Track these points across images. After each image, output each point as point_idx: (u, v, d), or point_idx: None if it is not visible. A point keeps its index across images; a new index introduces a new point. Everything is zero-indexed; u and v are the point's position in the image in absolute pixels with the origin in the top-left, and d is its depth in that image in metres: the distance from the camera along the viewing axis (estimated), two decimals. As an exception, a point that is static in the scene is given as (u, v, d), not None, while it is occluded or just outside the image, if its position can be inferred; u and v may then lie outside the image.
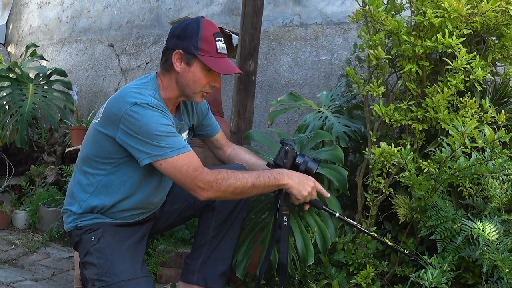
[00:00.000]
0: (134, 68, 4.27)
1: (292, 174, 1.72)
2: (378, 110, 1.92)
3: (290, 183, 1.70)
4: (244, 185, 1.63)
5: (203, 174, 1.60)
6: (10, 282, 2.29)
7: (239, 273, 1.96)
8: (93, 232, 1.69)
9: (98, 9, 4.62)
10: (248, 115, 2.62)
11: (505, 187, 1.80)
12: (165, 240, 2.45)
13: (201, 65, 1.67)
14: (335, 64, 3.37)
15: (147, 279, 1.68)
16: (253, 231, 2.01)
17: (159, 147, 1.57)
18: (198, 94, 1.72)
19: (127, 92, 1.63)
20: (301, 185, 1.72)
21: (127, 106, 1.58)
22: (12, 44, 5.43)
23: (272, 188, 1.72)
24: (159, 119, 1.59)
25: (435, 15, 1.79)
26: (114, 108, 1.62)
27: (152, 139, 1.57)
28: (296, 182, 1.71)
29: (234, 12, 3.79)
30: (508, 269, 1.54)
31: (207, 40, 1.66)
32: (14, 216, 3.40)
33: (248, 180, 1.64)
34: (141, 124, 1.57)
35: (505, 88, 2.18)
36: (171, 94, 1.73)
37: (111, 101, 1.66)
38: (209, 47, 1.66)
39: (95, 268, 1.64)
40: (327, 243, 1.92)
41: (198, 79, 1.68)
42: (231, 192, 1.63)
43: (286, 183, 1.70)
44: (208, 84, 1.70)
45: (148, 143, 1.57)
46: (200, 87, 1.70)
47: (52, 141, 3.95)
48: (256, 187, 1.66)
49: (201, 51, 1.65)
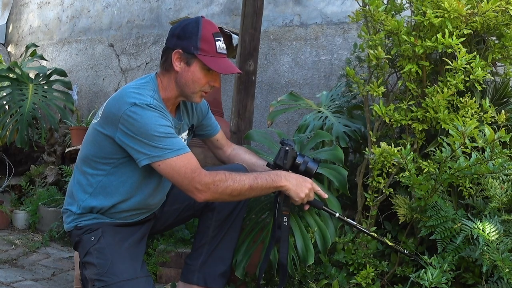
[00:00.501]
0: (134, 68, 4.27)
1: (290, 176, 1.72)
2: (378, 110, 1.92)
3: (287, 185, 1.70)
4: (242, 187, 1.63)
5: (200, 176, 1.60)
6: (10, 282, 2.29)
7: (238, 273, 1.96)
8: (93, 232, 1.69)
9: (98, 9, 4.62)
10: (248, 115, 2.62)
11: (505, 187, 1.80)
12: (165, 240, 2.45)
13: (200, 65, 1.67)
14: (335, 64, 3.37)
15: (147, 279, 1.68)
16: (253, 231, 2.01)
17: (158, 148, 1.57)
18: (197, 94, 1.72)
19: (127, 92, 1.63)
20: (298, 187, 1.72)
21: (126, 106, 1.58)
22: (12, 44, 5.43)
23: (270, 190, 1.72)
24: (157, 120, 1.59)
25: (435, 15, 1.79)
26: (113, 108, 1.62)
27: (151, 140, 1.57)
28: (294, 184, 1.71)
29: (234, 12, 3.79)
30: (508, 269, 1.54)
31: (207, 40, 1.66)
32: (14, 216, 3.40)
33: (245, 182, 1.64)
34: (140, 124, 1.57)
35: (505, 88, 2.18)
36: (171, 94, 1.73)
37: (111, 101, 1.66)
38: (208, 47, 1.66)
39: (95, 268, 1.64)
40: (327, 243, 1.92)
41: (198, 78, 1.68)
42: (229, 194, 1.64)
43: (283, 185, 1.70)
44: (207, 83, 1.70)
45: (146, 143, 1.57)
46: (200, 86, 1.70)
47: (52, 141, 3.95)
48: (254, 189, 1.66)
49: (200, 51, 1.65)
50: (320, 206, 1.84)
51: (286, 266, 1.81)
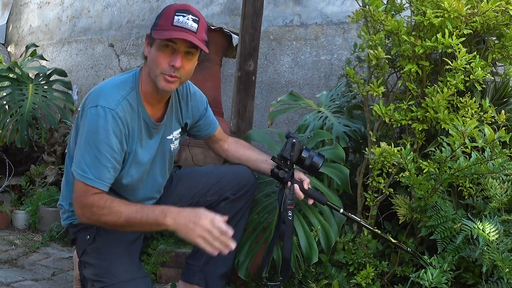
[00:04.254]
0: (134, 68, 4.28)
1: (181, 214, 1.47)
2: (378, 110, 1.92)
3: (172, 225, 1.46)
4: (116, 220, 1.49)
5: (86, 198, 1.52)
6: (10, 282, 2.29)
7: (241, 273, 1.96)
8: (88, 230, 1.68)
9: (98, 9, 4.62)
10: (248, 115, 2.62)
11: (505, 187, 1.80)
12: (165, 240, 2.45)
13: (158, 42, 1.52)
14: (335, 64, 3.37)
15: (145, 279, 1.68)
16: (255, 231, 2.01)
17: (84, 163, 1.51)
18: (159, 77, 1.55)
19: (101, 90, 1.58)
20: (188, 227, 1.46)
21: (91, 104, 1.54)
22: (12, 44, 5.43)
23: (153, 227, 1.51)
24: (107, 134, 1.50)
25: (435, 15, 1.79)
26: (86, 100, 1.59)
27: (88, 148, 1.51)
28: (182, 224, 1.46)
29: (234, 12, 3.79)
30: (508, 269, 1.54)
31: (166, 16, 1.54)
32: (14, 216, 3.40)
33: (122, 215, 1.48)
34: (89, 128, 1.52)
35: (505, 88, 2.18)
36: (148, 86, 1.62)
37: (87, 95, 1.62)
38: (165, 21, 1.52)
39: (93, 268, 1.64)
40: (331, 242, 1.92)
41: (155, 57, 1.53)
42: (103, 223, 1.54)
43: (167, 224, 1.46)
44: (168, 64, 1.53)
45: (83, 149, 1.52)
46: (159, 68, 1.54)
47: (52, 141, 3.95)
48: (131, 224, 1.49)
49: (157, 27, 1.53)
50: (325, 202, 1.82)
51: (289, 261, 1.79)
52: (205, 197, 1.87)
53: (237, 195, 1.87)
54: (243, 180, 1.88)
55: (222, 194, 1.86)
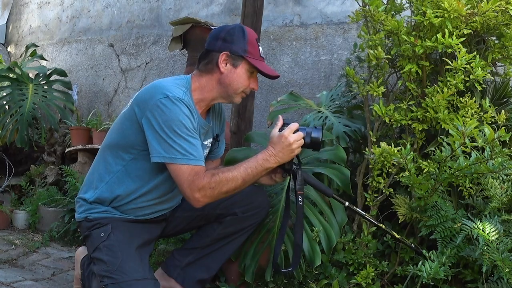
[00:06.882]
0: (134, 68, 4.27)
1: (274, 149, 1.67)
2: (378, 110, 1.92)
3: (277, 163, 1.68)
4: (236, 184, 1.64)
5: (199, 181, 1.60)
6: (10, 282, 2.29)
7: (248, 277, 1.97)
8: (102, 228, 1.70)
9: (98, 9, 4.62)
10: (248, 115, 2.62)
11: (505, 187, 1.80)
12: (165, 240, 2.45)
13: (247, 67, 1.72)
14: (335, 64, 3.37)
15: (156, 282, 1.70)
16: (259, 234, 2.02)
17: (172, 149, 1.59)
18: (239, 95, 1.76)
19: (162, 85, 1.67)
20: (286, 154, 1.68)
21: (159, 96, 1.62)
22: (12, 44, 5.43)
23: (263, 174, 1.70)
24: (184, 117, 1.61)
25: (435, 15, 1.79)
26: (146, 95, 1.66)
27: (170, 136, 1.59)
28: (281, 157, 1.68)
29: (234, 12, 3.79)
30: (508, 269, 1.54)
31: (252, 44, 1.73)
32: (14, 216, 3.40)
33: (238, 179, 1.64)
34: (166, 117, 1.59)
35: (505, 88, 2.18)
36: (208, 94, 1.75)
37: (144, 90, 1.70)
38: (254, 50, 1.73)
39: (104, 264, 1.65)
40: (332, 242, 1.93)
41: (243, 79, 1.73)
42: (225, 193, 1.65)
43: (273, 165, 1.68)
44: (249, 85, 1.76)
45: (164, 140, 1.59)
46: (243, 87, 1.75)
47: (52, 141, 3.95)
48: (246, 182, 1.66)
49: (248, 53, 1.71)
50: (330, 194, 1.82)
51: (301, 246, 1.79)
52: (214, 210, 1.90)
53: (246, 214, 1.91)
54: (256, 201, 1.93)
55: (231, 209, 1.90)
